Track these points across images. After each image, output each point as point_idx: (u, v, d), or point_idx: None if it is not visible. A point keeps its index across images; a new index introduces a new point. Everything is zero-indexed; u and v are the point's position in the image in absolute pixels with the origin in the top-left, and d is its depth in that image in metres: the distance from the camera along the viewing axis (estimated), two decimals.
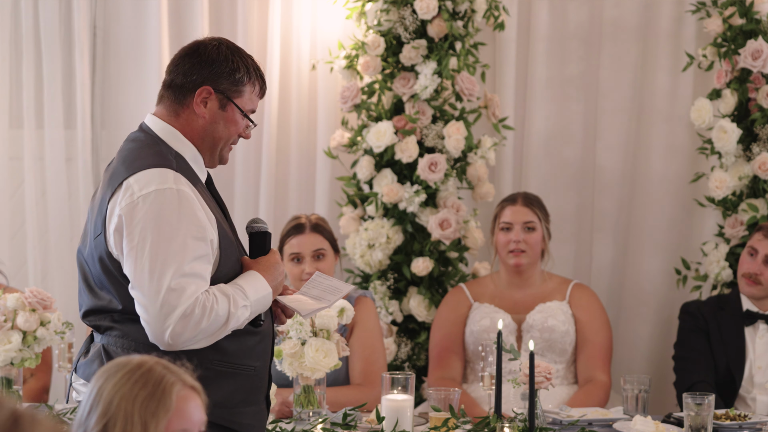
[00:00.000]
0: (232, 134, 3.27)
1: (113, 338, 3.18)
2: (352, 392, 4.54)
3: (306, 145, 5.56)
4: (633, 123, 5.62)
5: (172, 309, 3.02)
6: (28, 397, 4.71)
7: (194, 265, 3.06)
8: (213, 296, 3.07)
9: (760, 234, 4.92)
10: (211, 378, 3.11)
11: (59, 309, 4.46)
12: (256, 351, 3.25)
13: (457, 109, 5.39)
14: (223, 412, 3.18)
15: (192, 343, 3.07)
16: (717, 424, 4.13)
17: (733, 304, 4.98)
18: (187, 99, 3.23)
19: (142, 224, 3.06)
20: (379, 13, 5.33)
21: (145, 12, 5.48)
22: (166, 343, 3.05)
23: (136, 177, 3.11)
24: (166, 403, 2.35)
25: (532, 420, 3.76)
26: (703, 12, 5.44)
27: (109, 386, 2.36)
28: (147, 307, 3.05)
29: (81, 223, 5.44)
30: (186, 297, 3.02)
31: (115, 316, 3.18)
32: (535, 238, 4.93)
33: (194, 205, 3.11)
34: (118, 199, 3.10)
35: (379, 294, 5.27)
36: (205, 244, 3.10)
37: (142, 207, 3.07)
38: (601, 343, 4.93)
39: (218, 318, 3.07)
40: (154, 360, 2.42)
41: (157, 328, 3.04)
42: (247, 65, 3.26)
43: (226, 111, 3.24)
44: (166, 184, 3.09)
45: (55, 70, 5.41)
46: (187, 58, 3.25)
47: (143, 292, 3.05)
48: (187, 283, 3.03)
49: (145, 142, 3.22)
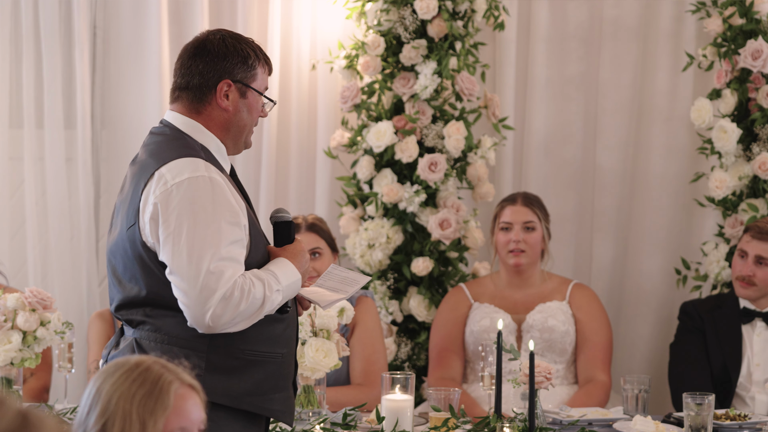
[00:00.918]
0: (254, 118, 3.36)
1: (146, 332, 3.23)
2: (352, 392, 4.55)
3: (306, 145, 5.57)
4: (633, 123, 5.62)
5: (212, 292, 3.07)
6: (28, 396, 4.71)
7: (230, 249, 3.12)
8: (250, 280, 3.13)
9: (748, 236, 4.92)
10: (241, 367, 3.21)
11: (59, 309, 4.47)
12: (283, 338, 3.31)
13: (457, 109, 5.39)
14: (254, 399, 3.25)
15: (230, 326, 3.12)
16: (717, 424, 4.13)
17: (731, 302, 4.99)
18: (207, 96, 3.30)
19: (177, 211, 3.11)
20: (379, 13, 5.33)
21: (145, 12, 5.48)
22: (206, 326, 3.10)
23: (168, 167, 3.17)
24: (164, 402, 2.36)
25: (532, 420, 3.76)
26: (703, 12, 5.44)
27: (108, 385, 2.36)
28: (186, 291, 3.09)
29: (81, 223, 5.45)
30: (225, 280, 3.08)
31: (147, 310, 3.22)
32: (535, 237, 4.93)
33: (226, 192, 3.17)
34: (152, 188, 3.16)
35: (379, 294, 5.27)
36: (239, 229, 3.16)
37: (176, 194, 3.13)
38: (601, 343, 4.93)
39: (255, 301, 3.12)
40: (152, 359, 2.43)
41: (197, 311, 3.09)
42: (253, 48, 3.35)
43: (247, 98, 3.32)
44: (198, 172, 3.16)
45: (55, 70, 5.41)
46: (198, 58, 3.30)
47: (182, 277, 3.09)
48: (225, 266, 3.09)
49: (171, 135, 3.28)
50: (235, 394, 3.22)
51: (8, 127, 5.49)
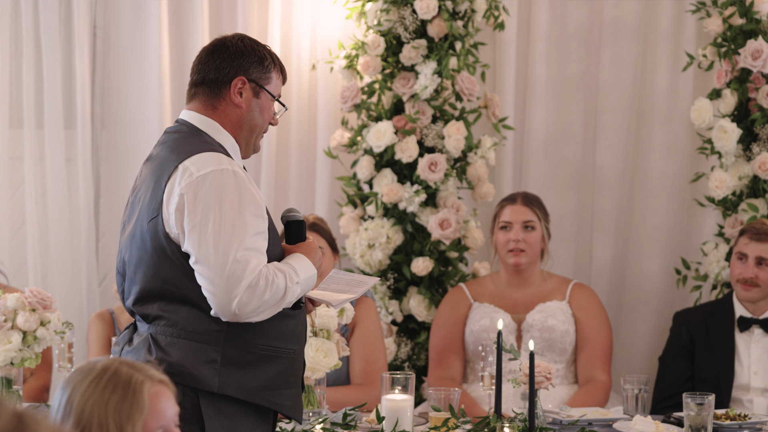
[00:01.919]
0: (265, 121, 3.41)
1: (162, 327, 3.26)
2: (352, 392, 4.55)
3: (306, 145, 5.57)
4: (633, 123, 5.62)
5: (238, 280, 3.11)
6: (29, 396, 4.71)
7: (255, 240, 3.17)
8: (273, 271, 3.18)
9: (745, 238, 4.91)
10: (255, 362, 3.26)
11: (59, 309, 4.47)
12: (295, 334, 3.35)
13: (457, 109, 5.39)
14: (267, 394, 3.29)
15: (255, 315, 3.17)
16: (717, 424, 4.13)
17: (726, 309, 4.98)
18: (222, 91, 3.35)
19: (204, 202, 3.16)
20: (379, 13, 5.33)
21: (145, 12, 5.48)
22: (232, 314, 3.14)
23: (191, 160, 3.22)
24: (139, 404, 2.34)
25: (532, 420, 3.76)
26: (703, 12, 5.44)
27: (78, 394, 2.32)
28: (213, 279, 3.13)
29: (81, 223, 5.45)
30: (251, 269, 3.13)
31: (162, 305, 3.25)
32: (535, 237, 4.93)
33: (250, 185, 3.23)
34: (177, 180, 3.21)
35: (379, 294, 5.27)
36: (263, 221, 3.22)
37: (202, 186, 3.17)
38: (601, 343, 4.93)
39: (278, 291, 3.18)
40: (118, 361, 2.39)
41: (224, 300, 3.13)
42: (270, 54, 3.45)
43: (260, 98, 3.38)
44: (222, 165, 3.21)
45: (55, 70, 5.41)
46: (215, 54, 3.38)
47: (209, 266, 3.14)
48: (250, 256, 3.14)
49: (188, 132, 3.33)
50: (250, 389, 3.25)
51: (8, 127, 5.49)
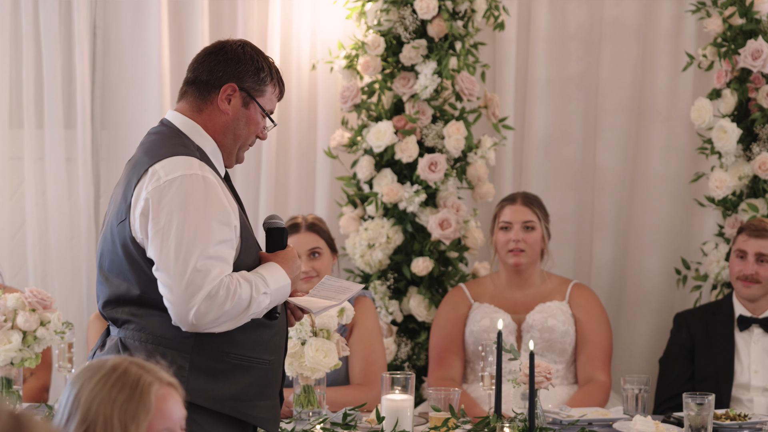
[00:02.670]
0: (251, 133, 3.34)
1: (131, 331, 3.21)
2: (352, 392, 4.55)
3: (306, 145, 5.57)
4: (633, 123, 5.62)
5: (197, 289, 3.05)
6: (28, 396, 4.71)
7: (219, 248, 3.10)
8: (236, 280, 3.12)
9: (744, 235, 4.92)
10: (227, 371, 3.18)
11: (59, 309, 4.47)
12: (270, 344, 3.29)
13: (457, 109, 5.39)
14: (238, 404, 3.22)
15: (215, 326, 3.10)
16: (717, 424, 4.13)
17: (725, 309, 4.98)
18: (211, 95, 3.29)
19: (168, 207, 3.10)
20: (379, 13, 5.33)
21: (145, 12, 5.48)
22: (190, 324, 3.08)
23: (161, 164, 3.16)
24: (146, 405, 2.33)
25: (532, 420, 3.76)
26: (703, 12, 5.44)
27: (86, 391, 2.32)
28: (172, 287, 3.08)
29: (81, 223, 5.45)
30: (211, 278, 3.06)
31: (133, 309, 3.21)
32: (535, 237, 4.93)
33: (218, 192, 3.16)
34: (144, 184, 3.15)
35: (379, 294, 5.27)
36: (229, 229, 3.15)
37: (168, 191, 3.12)
38: (600, 343, 4.93)
39: (241, 301, 3.10)
40: (129, 360, 2.39)
41: (181, 309, 3.07)
42: (270, 66, 3.34)
43: (249, 109, 3.31)
44: (192, 170, 3.15)
45: (55, 70, 5.41)
46: (213, 56, 3.31)
47: (168, 273, 3.08)
48: (212, 265, 3.08)
49: (167, 134, 3.28)
50: (218, 398, 3.19)
51: (8, 127, 5.49)
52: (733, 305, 4.97)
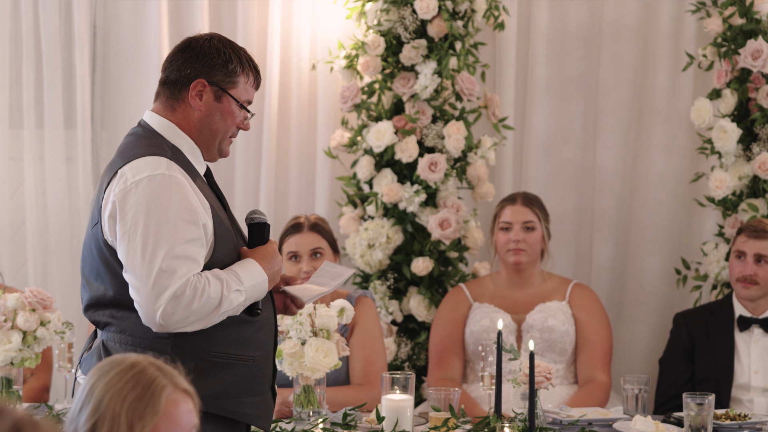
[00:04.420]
0: (229, 126, 3.31)
1: (111, 334, 3.21)
2: (352, 392, 4.54)
3: (306, 145, 5.56)
4: (633, 123, 5.62)
5: (163, 289, 3.04)
6: (29, 396, 4.71)
7: (186, 247, 3.09)
8: (205, 279, 3.10)
9: (743, 236, 4.92)
10: (207, 369, 3.17)
11: (59, 309, 4.46)
12: (254, 340, 3.27)
13: (457, 109, 5.39)
14: (221, 402, 3.20)
15: (183, 326, 3.09)
16: (717, 424, 4.13)
17: (725, 309, 4.98)
18: (182, 93, 3.28)
19: (134, 209, 3.10)
20: (379, 13, 5.33)
21: (145, 12, 5.48)
22: (158, 324, 3.07)
23: (130, 165, 3.16)
24: (154, 407, 2.33)
25: (532, 420, 3.76)
26: (703, 12, 5.44)
27: (101, 384, 2.34)
28: (139, 288, 3.08)
29: (81, 223, 5.45)
30: (177, 278, 3.05)
31: (113, 312, 3.20)
32: (535, 237, 4.93)
33: (186, 191, 3.14)
34: (113, 186, 3.16)
35: (379, 294, 5.27)
36: (197, 227, 3.13)
37: (134, 192, 3.11)
38: (601, 343, 4.93)
39: (210, 300, 3.09)
40: (149, 360, 2.39)
41: (148, 309, 3.07)
42: (240, 56, 3.31)
43: (222, 103, 3.28)
44: (159, 171, 3.13)
45: (55, 70, 5.41)
46: (180, 53, 3.30)
47: (135, 275, 3.08)
48: (179, 264, 3.06)
49: (142, 135, 3.27)
50: (202, 397, 3.16)
51: (8, 127, 5.49)
52: (733, 305, 4.97)
